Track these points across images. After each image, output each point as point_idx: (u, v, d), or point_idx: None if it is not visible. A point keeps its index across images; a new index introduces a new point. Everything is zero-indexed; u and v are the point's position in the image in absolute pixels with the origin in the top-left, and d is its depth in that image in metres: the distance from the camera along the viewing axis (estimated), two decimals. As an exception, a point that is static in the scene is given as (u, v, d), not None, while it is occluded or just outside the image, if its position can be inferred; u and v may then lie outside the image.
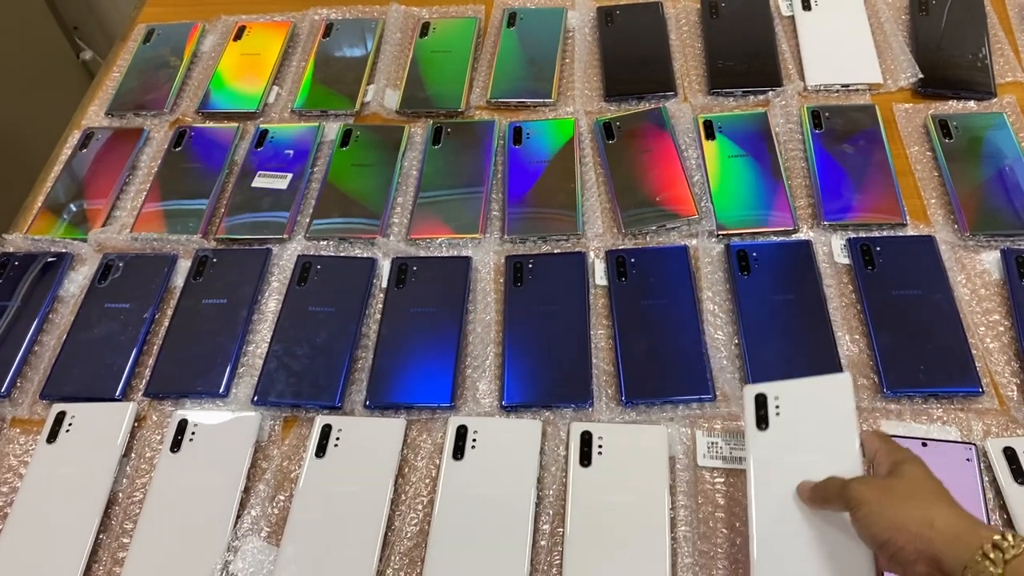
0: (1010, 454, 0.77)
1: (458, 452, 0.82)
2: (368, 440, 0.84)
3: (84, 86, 1.27)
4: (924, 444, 0.78)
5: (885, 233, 0.94)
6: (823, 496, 0.65)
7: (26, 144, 1.83)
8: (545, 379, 0.86)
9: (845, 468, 0.66)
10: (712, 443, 0.81)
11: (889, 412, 0.82)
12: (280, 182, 1.06)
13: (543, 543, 0.77)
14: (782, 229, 0.95)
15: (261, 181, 1.07)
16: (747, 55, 1.14)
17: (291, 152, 1.10)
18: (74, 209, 1.07)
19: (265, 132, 1.12)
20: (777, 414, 0.72)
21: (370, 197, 1.04)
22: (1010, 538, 0.55)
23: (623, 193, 1.01)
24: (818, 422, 0.71)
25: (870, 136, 1.03)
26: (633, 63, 1.16)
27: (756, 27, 1.17)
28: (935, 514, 0.58)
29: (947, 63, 1.10)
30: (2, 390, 0.91)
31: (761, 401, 0.72)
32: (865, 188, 0.98)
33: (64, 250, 1.03)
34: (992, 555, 0.55)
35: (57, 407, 0.88)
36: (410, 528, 0.79)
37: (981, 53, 1.09)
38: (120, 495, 0.84)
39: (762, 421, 0.72)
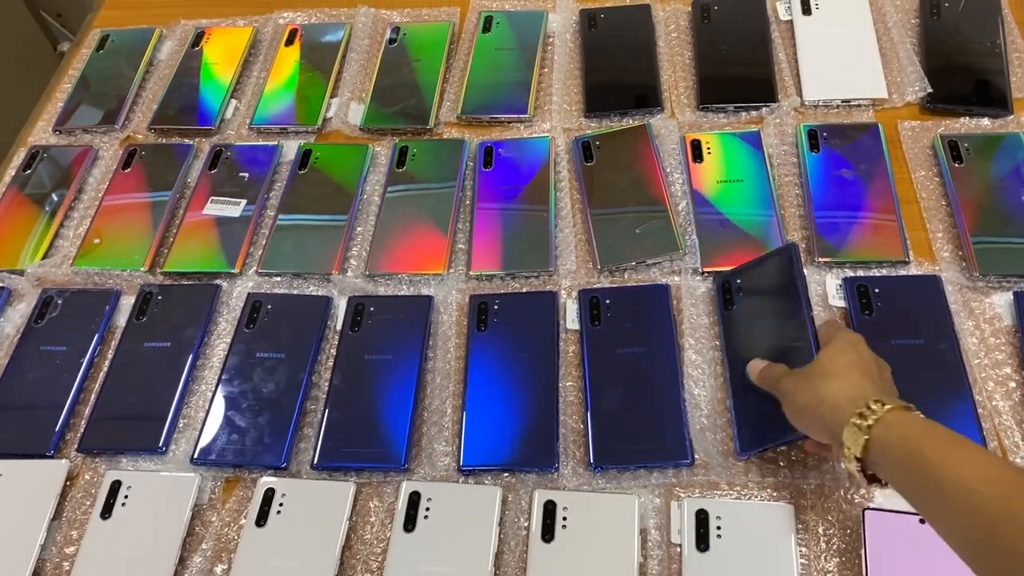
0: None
1: (409, 523, 0.75)
2: (314, 506, 0.77)
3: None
4: (922, 521, 0.70)
5: (885, 272, 0.86)
6: (768, 380, 0.72)
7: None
8: (507, 439, 0.79)
9: None
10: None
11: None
12: (233, 209, 0.99)
13: (499, 628, 0.70)
14: (771, 264, 0.87)
15: (214, 208, 0.99)
16: (740, 66, 1.05)
17: (246, 175, 1.02)
18: (14, 237, 1.00)
19: (220, 152, 1.04)
20: (719, 536, 0.72)
21: (328, 227, 0.96)
22: (873, 405, 0.60)
23: (600, 223, 0.93)
24: (752, 548, 0.71)
25: (872, 158, 0.94)
26: (617, 74, 1.07)
27: (751, 34, 1.07)
28: (828, 389, 0.64)
29: (960, 75, 1.00)
30: (-74, 443, 0.85)
31: (702, 519, 0.72)
32: (864, 220, 0.89)
33: (1, 285, 0.96)
34: (858, 422, 0.60)
35: (-16, 464, 0.82)
36: (356, 608, 0.72)
37: (998, 65, 1.00)
38: (47, 564, 0.77)
39: (702, 541, 0.71)
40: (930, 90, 0.98)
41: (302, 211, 0.98)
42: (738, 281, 0.84)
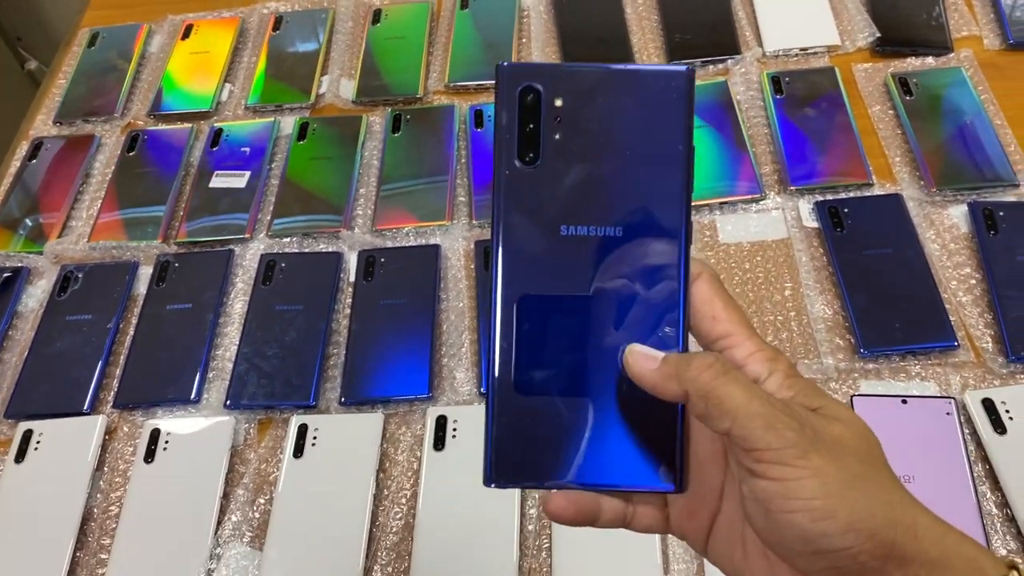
0: (988, 405, 0.77)
1: (439, 443, 0.80)
2: (346, 437, 0.82)
3: (31, 96, 1.24)
4: (904, 401, 0.78)
5: (852, 194, 0.94)
6: (674, 377, 0.37)
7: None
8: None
9: None
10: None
11: (867, 372, 0.82)
12: (238, 181, 1.04)
13: (530, 528, 0.76)
14: (749, 197, 0.95)
15: (219, 181, 1.04)
16: (704, 25, 1.13)
17: (247, 150, 1.07)
18: (28, 223, 1.04)
19: (220, 131, 1.10)
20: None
21: (332, 190, 1.02)
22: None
23: (588, 170, 1.00)
24: None
25: (831, 98, 1.02)
26: (590, 40, 1.15)
27: (711, -5, 1.16)
28: (916, 514, 0.35)
29: (903, 20, 1.10)
30: (-35, 413, 0.88)
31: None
32: (830, 151, 0.97)
33: (20, 264, 1.00)
34: None
35: (24, 425, 0.85)
36: (395, 523, 0.78)
37: (935, 10, 1.09)
38: (95, 511, 0.81)
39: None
40: (878, 35, 1.08)
41: (305, 177, 1.03)
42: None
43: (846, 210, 0.92)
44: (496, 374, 0.38)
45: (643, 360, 0.37)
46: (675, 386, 0.36)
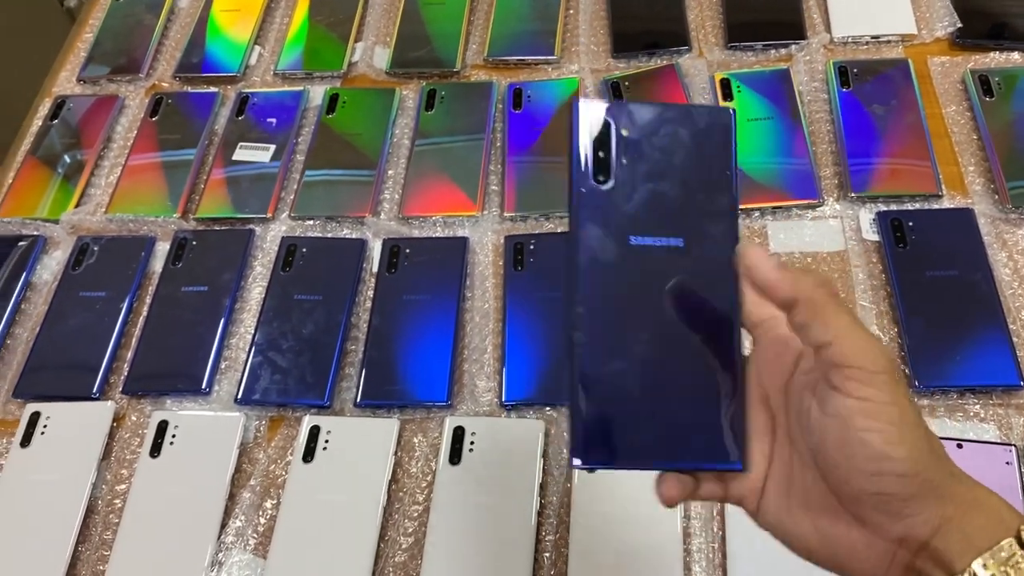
0: (1054, 456, 0.71)
1: (455, 456, 0.76)
2: (359, 442, 0.79)
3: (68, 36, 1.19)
4: (960, 446, 0.72)
5: (918, 206, 0.86)
6: (790, 281, 0.40)
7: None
8: (548, 374, 0.80)
9: None
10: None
11: (920, 408, 0.75)
12: (263, 154, 0.99)
13: (547, 555, 0.72)
14: (805, 202, 0.87)
15: (242, 154, 0.99)
16: (768, 4, 1.04)
17: (274, 120, 1.02)
18: (46, 187, 1.00)
19: (246, 99, 1.04)
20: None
21: (358, 171, 0.96)
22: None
23: (632, 162, 0.93)
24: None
25: (903, 95, 0.93)
26: (643, 14, 1.07)
27: (778, -29, 1.07)
28: (955, 466, 0.40)
29: (989, 9, 1.00)
30: (-26, 389, 0.86)
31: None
32: (897, 154, 0.89)
33: (36, 233, 0.97)
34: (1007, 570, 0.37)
35: (31, 407, 0.83)
36: (404, 539, 0.74)
37: (1027, -2, 0.99)
38: (99, 502, 0.79)
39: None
40: (960, 25, 0.98)
41: (332, 155, 0.98)
42: None
43: (911, 224, 0.84)
44: (581, 367, 0.42)
45: (761, 257, 0.41)
46: (787, 288, 0.40)
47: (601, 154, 0.43)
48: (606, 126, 0.44)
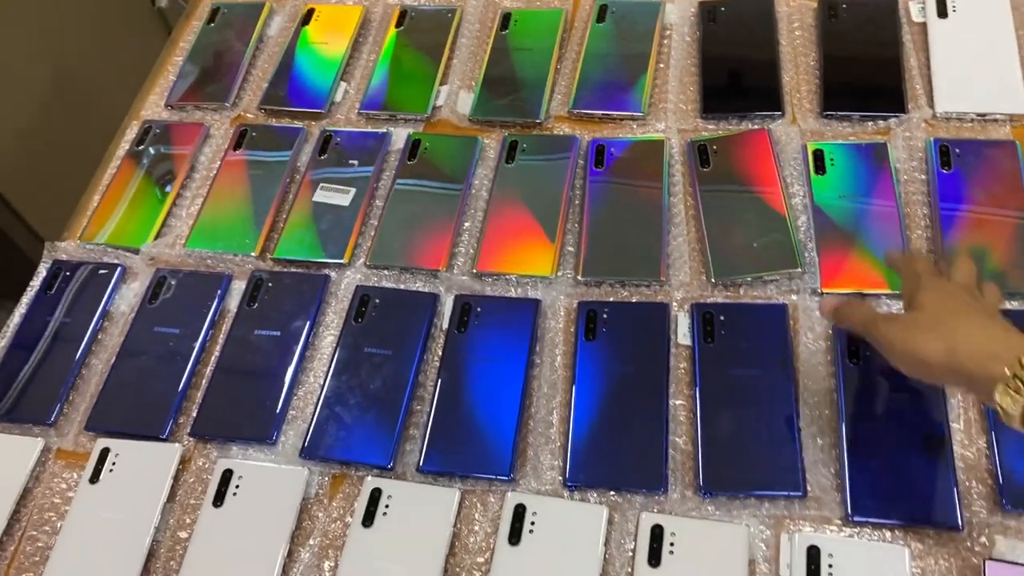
0: None
1: (514, 536, 0.75)
2: (419, 509, 0.78)
3: (160, 35, 1.20)
4: None
5: (1016, 306, 0.82)
6: (848, 318, 0.72)
7: (90, 105, 1.79)
8: (615, 456, 0.78)
9: None
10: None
11: (1007, 529, 0.71)
12: (343, 198, 0.99)
13: (603, 648, 0.70)
14: (894, 293, 0.84)
15: (323, 195, 0.99)
16: (868, 71, 1.00)
17: (355, 162, 1.02)
18: (129, 214, 1.02)
19: (329, 137, 1.04)
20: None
21: (435, 221, 0.96)
22: None
23: (715, 233, 0.90)
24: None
25: (1008, 180, 0.89)
26: (736, 73, 1.03)
27: (881, 36, 1.02)
28: (957, 340, 0.60)
29: (1107, 91, 0.94)
30: (50, 418, 0.87)
31: (813, 555, 0.71)
32: (997, 249, 0.85)
33: (116, 262, 0.98)
34: (1015, 384, 0.56)
35: (102, 442, 0.84)
36: (459, 618, 0.73)
37: None
38: (160, 547, 0.80)
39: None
40: (1075, 107, 0.93)
41: (410, 203, 0.97)
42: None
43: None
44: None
45: (822, 306, 0.76)
46: (831, 316, 0.75)
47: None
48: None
